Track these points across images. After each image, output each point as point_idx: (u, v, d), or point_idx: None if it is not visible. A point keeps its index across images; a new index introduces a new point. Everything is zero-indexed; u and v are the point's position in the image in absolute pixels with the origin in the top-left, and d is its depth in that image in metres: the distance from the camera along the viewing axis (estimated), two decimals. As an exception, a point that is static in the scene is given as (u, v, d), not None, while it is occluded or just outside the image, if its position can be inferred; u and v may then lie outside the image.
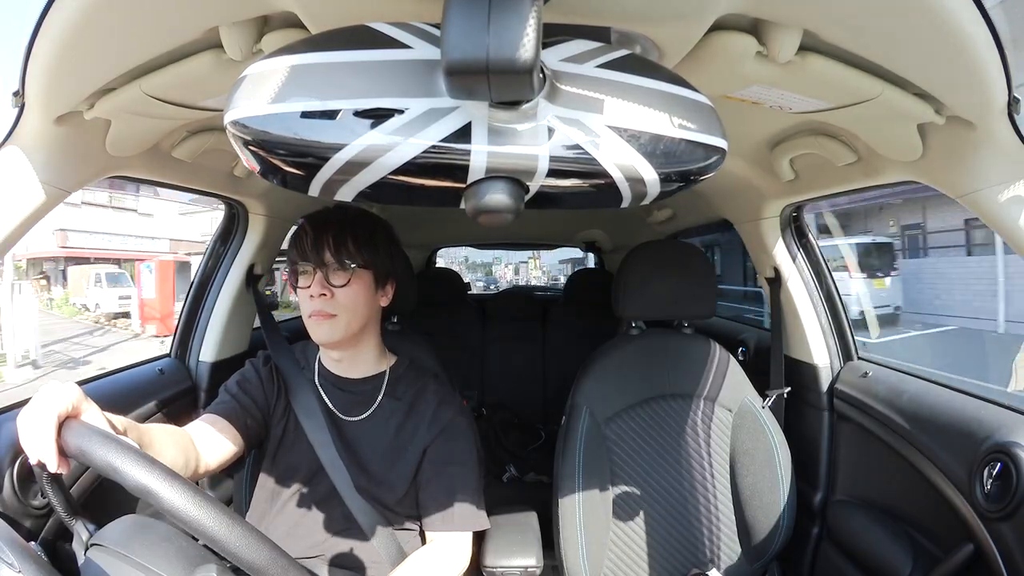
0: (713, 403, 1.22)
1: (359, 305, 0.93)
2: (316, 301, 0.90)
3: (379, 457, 0.95)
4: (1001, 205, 0.71)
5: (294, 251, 0.93)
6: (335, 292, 0.91)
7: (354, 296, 0.92)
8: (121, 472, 0.51)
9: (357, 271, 0.92)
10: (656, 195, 0.45)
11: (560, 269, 13.26)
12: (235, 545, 0.50)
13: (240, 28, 0.58)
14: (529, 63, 0.34)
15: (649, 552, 1.17)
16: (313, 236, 0.91)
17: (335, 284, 0.91)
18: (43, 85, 0.64)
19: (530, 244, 4.20)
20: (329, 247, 0.91)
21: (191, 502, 0.50)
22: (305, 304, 0.92)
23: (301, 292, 0.92)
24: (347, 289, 0.91)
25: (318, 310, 0.90)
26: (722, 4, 0.51)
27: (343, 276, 0.91)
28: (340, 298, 0.91)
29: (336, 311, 0.91)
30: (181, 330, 1.36)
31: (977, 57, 0.55)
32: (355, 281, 0.92)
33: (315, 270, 0.91)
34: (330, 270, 0.91)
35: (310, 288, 0.91)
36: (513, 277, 13.75)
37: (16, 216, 0.73)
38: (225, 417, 0.91)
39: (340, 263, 0.91)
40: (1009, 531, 0.81)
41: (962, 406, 0.97)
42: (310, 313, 0.91)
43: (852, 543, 1.13)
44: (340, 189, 0.42)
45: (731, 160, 1.14)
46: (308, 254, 0.91)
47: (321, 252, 0.91)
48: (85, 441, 0.54)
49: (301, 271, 0.92)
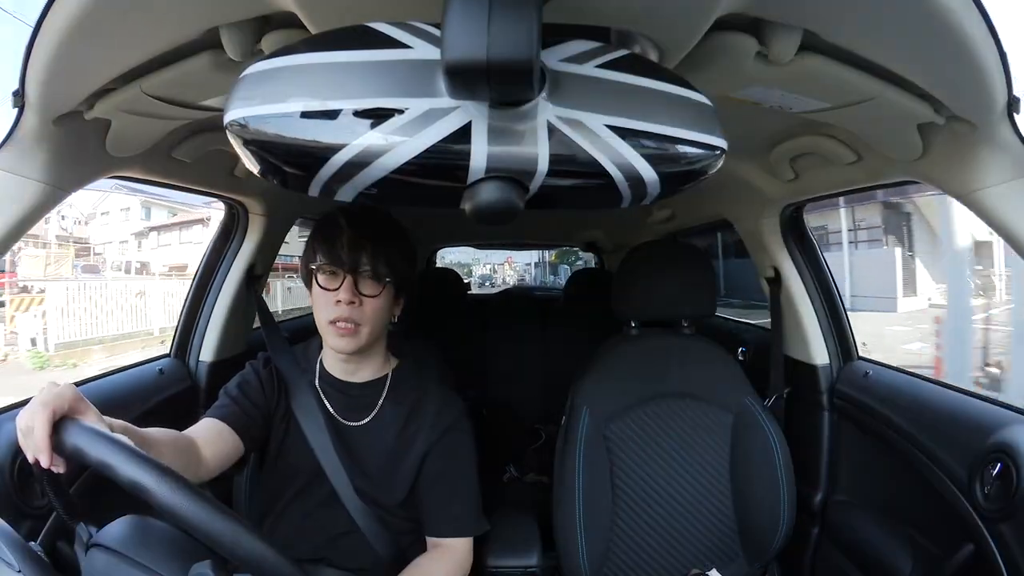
0: (713, 403, 1.22)
1: (381, 317, 0.90)
2: (342, 308, 0.86)
3: (380, 461, 0.95)
4: (1001, 205, 0.71)
5: (324, 248, 0.87)
6: (364, 301, 0.87)
7: (380, 308, 0.89)
8: (115, 469, 0.51)
9: (387, 284, 0.89)
10: (656, 195, 0.45)
11: (526, 269, 15.60)
12: (229, 540, 0.50)
13: (240, 28, 0.58)
14: (529, 63, 0.34)
15: (649, 551, 1.17)
16: (350, 236, 0.86)
17: (365, 293, 0.87)
18: (43, 85, 0.63)
19: (530, 244, 4.19)
20: (368, 253, 0.86)
21: (184, 497, 0.50)
22: (327, 308, 0.87)
23: (324, 293, 0.88)
24: (376, 300, 0.88)
25: (344, 318, 0.86)
26: (722, 4, 0.51)
27: (375, 286, 0.87)
28: (367, 309, 0.87)
29: (362, 321, 0.88)
30: (181, 330, 1.36)
31: (977, 57, 0.55)
32: (384, 293, 0.89)
33: (346, 274, 0.87)
34: (362, 277, 0.87)
35: (337, 292, 0.86)
36: (491, 274, 16.68)
37: (16, 216, 0.73)
38: (225, 421, 0.89)
39: (375, 273, 0.87)
40: (1009, 531, 0.81)
41: (962, 406, 0.97)
42: (333, 319, 0.87)
43: (852, 543, 1.13)
44: (340, 189, 0.42)
45: (731, 160, 1.13)
46: (343, 257, 0.86)
47: (358, 256, 0.86)
48: (80, 439, 0.54)
49: (329, 271, 0.88)
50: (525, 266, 15.42)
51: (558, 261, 12.70)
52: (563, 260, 12.32)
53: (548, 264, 13.30)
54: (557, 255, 12.32)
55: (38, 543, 0.80)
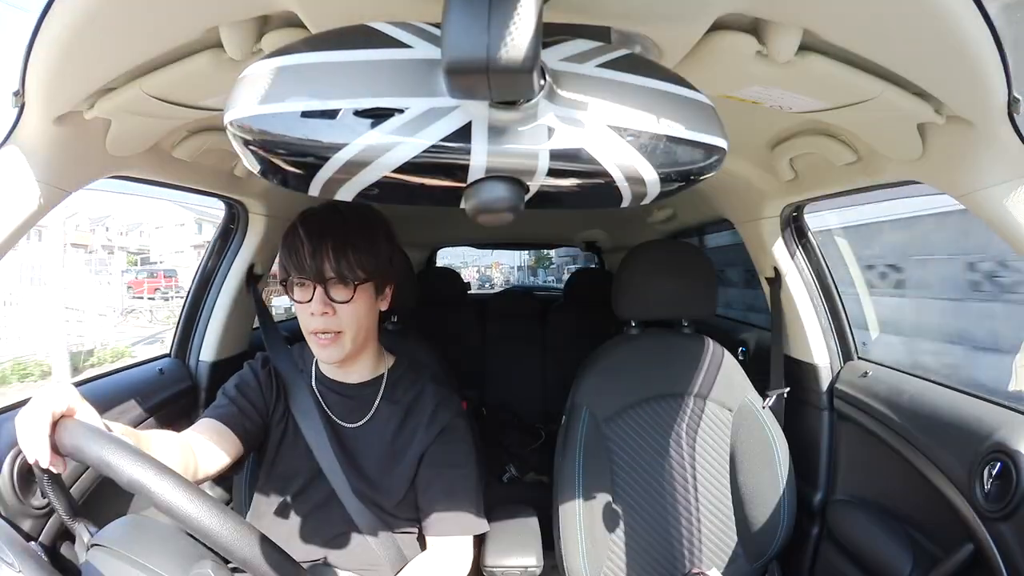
0: (713, 403, 1.22)
1: (362, 318, 0.89)
2: (317, 319, 0.86)
3: (377, 461, 0.95)
4: (1001, 205, 0.71)
5: (291, 260, 0.86)
6: (337, 308, 0.86)
7: (357, 311, 0.88)
8: (115, 468, 0.51)
9: (360, 285, 0.87)
10: (656, 195, 0.45)
11: (510, 271, 16.79)
12: (228, 539, 0.50)
13: (240, 28, 0.58)
14: (529, 62, 0.34)
15: (649, 551, 1.17)
16: (310, 247, 0.85)
17: (337, 300, 0.86)
18: (43, 85, 0.63)
19: (530, 244, 4.19)
20: (329, 260, 0.84)
21: (184, 496, 0.50)
22: (305, 319, 0.87)
23: (300, 306, 0.88)
24: (350, 305, 0.86)
25: (321, 329, 0.86)
26: (722, 4, 0.51)
27: (346, 292, 0.86)
28: (343, 315, 0.86)
29: (340, 327, 0.87)
30: (181, 330, 1.36)
31: (977, 57, 0.55)
32: (358, 295, 0.87)
33: (315, 285, 0.86)
34: (330, 284, 0.86)
35: (310, 304, 0.86)
36: (478, 276, 17.64)
37: (16, 216, 0.73)
38: (223, 421, 0.89)
39: (341, 278, 0.86)
40: (1009, 531, 0.81)
41: (962, 406, 0.97)
42: (312, 331, 0.87)
43: (852, 543, 1.13)
44: (340, 189, 0.42)
45: (731, 160, 1.13)
46: (306, 267, 0.85)
47: (321, 265, 0.85)
48: (79, 439, 0.54)
49: (299, 283, 0.87)
50: (510, 268, 16.75)
51: (537, 265, 14.91)
52: (540, 265, 14.91)
53: (528, 268, 14.88)
54: (536, 260, 14.53)
55: (38, 543, 0.80)
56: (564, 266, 12.39)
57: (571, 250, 9.53)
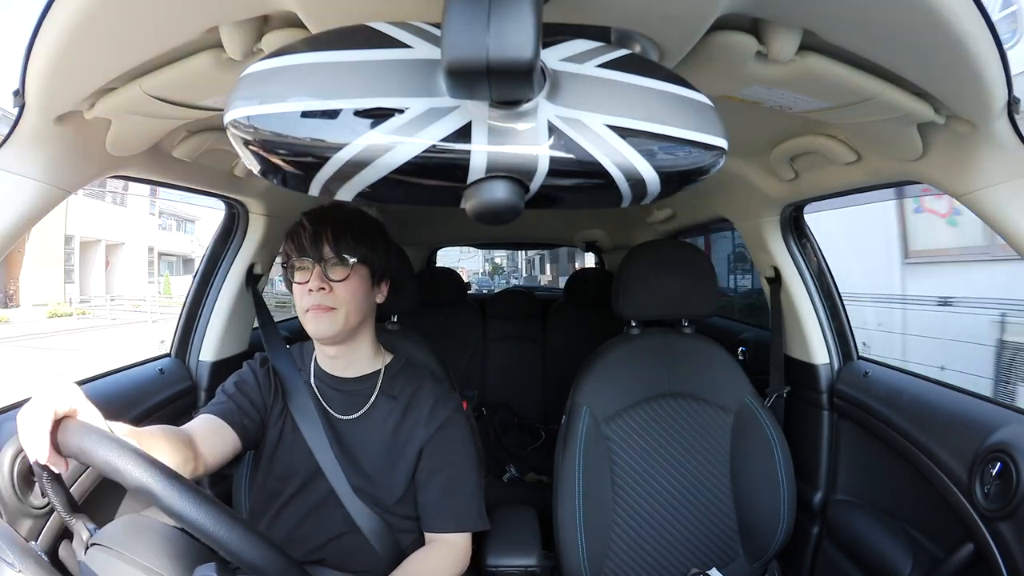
0: (713, 403, 1.22)
1: (357, 299, 0.94)
2: (314, 295, 0.91)
3: (376, 458, 0.95)
4: (1001, 205, 0.71)
5: (291, 246, 0.93)
6: (334, 287, 0.91)
7: (353, 290, 0.93)
8: (122, 471, 0.51)
9: (355, 266, 0.92)
10: (656, 195, 0.45)
11: (472, 275, 18.43)
12: (235, 544, 0.50)
13: (240, 28, 0.58)
14: (529, 62, 0.34)
15: (649, 551, 1.17)
16: (312, 231, 0.91)
17: (334, 278, 0.91)
18: (43, 85, 0.64)
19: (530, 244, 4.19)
20: (328, 241, 0.91)
21: (191, 502, 0.50)
22: (303, 299, 0.92)
23: (298, 288, 0.93)
24: (346, 283, 0.92)
25: (316, 304, 0.91)
26: (722, 4, 0.51)
27: (342, 270, 0.92)
28: (339, 292, 0.92)
29: (335, 304, 0.91)
30: (181, 329, 1.36)
31: (977, 57, 0.55)
32: (353, 275, 0.92)
33: (313, 265, 0.91)
34: (328, 264, 0.92)
35: (308, 283, 0.91)
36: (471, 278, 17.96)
37: (16, 216, 0.73)
38: (222, 417, 0.90)
39: (339, 257, 0.92)
40: (1009, 531, 0.81)
41: (962, 406, 0.98)
42: (308, 307, 0.91)
43: (852, 543, 1.14)
44: (340, 189, 0.42)
45: (731, 160, 1.14)
46: (307, 249, 0.91)
47: (320, 247, 0.91)
48: (84, 440, 0.54)
49: (299, 267, 0.93)
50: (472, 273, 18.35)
51: (495, 272, 17.71)
52: (496, 272, 17.70)
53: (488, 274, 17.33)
54: (494, 268, 17.65)
55: (38, 543, 0.80)
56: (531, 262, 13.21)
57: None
